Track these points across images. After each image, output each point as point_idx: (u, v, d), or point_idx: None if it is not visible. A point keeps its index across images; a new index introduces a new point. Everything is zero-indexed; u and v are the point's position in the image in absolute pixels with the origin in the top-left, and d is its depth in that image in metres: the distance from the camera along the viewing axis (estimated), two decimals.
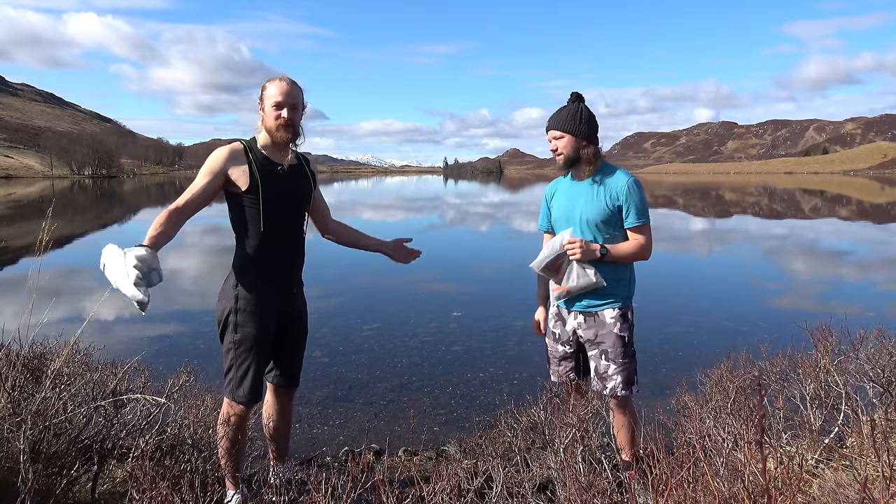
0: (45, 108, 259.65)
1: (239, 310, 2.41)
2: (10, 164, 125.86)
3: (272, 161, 2.45)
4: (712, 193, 50.52)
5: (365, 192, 54.27)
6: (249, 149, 2.43)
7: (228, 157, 2.38)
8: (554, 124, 2.66)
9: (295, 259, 2.59)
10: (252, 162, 2.39)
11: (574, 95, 2.70)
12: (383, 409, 4.53)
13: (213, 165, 2.37)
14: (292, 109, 2.44)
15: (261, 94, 2.46)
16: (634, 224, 2.61)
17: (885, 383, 2.90)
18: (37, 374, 2.64)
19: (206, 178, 2.35)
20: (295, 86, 2.47)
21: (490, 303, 8.39)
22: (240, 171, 2.38)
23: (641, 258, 2.66)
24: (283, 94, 2.42)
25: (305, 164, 2.60)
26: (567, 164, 2.67)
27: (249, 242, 2.44)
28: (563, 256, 2.59)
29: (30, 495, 1.90)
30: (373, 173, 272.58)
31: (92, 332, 3.82)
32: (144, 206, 33.44)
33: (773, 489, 1.44)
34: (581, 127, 2.62)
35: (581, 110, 2.64)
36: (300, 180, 2.56)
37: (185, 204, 2.30)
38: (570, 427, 2.45)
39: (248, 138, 2.50)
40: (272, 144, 2.48)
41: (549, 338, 2.86)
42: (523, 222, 21.92)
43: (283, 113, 2.42)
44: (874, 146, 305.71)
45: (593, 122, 2.66)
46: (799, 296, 9.09)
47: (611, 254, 2.59)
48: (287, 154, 2.51)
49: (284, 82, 2.44)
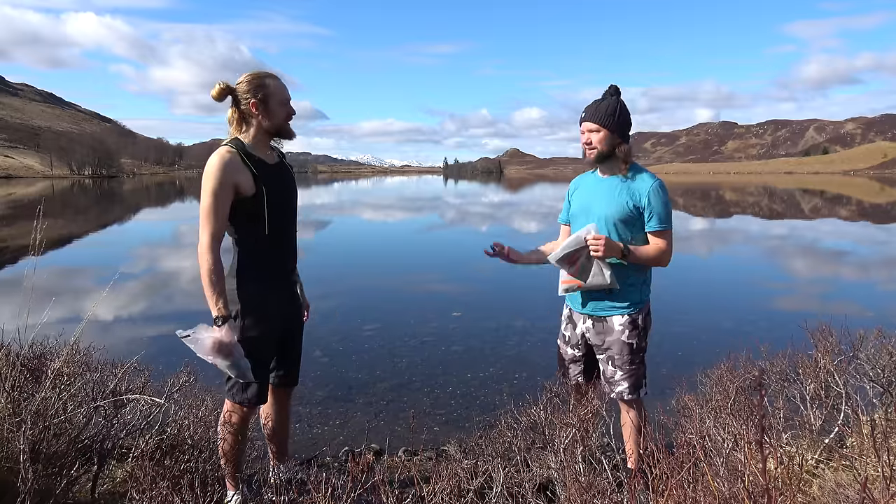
0: (45, 108, 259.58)
1: (244, 313, 2.37)
2: (10, 164, 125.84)
3: (266, 162, 2.41)
4: (712, 194, 50.51)
5: (365, 193, 54.27)
6: (244, 153, 2.32)
7: (231, 168, 2.27)
8: (591, 117, 2.55)
9: (293, 257, 2.58)
10: (251, 166, 2.32)
11: (613, 89, 2.59)
12: (383, 409, 4.53)
13: (221, 182, 2.24)
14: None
15: (256, 92, 2.34)
16: (656, 229, 2.54)
17: (885, 383, 2.90)
18: (37, 374, 2.64)
19: (221, 196, 2.25)
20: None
21: (490, 303, 8.39)
22: (243, 178, 2.29)
23: (660, 264, 2.59)
24: (287, 90, 2.42)
25: (283, 158, 2.58)
26: (599, 159, 2.58)
27: (253, 248, 2.40)
28: (583, 250, 2.52)
29: (30, 495, 1.90)
30: (373, 173, 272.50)
31: (92, 332, 3.82)
32: (144, 205, 33.44)
33: (773, 489, 1.44)
34: (620, 124, 2.54)
35: (620, 106, 2.55)
36: (288, 176, 2.54)
37: (219, 232, 2.26)
38: (570, 427, 2.45)
39: (231, 140, 2.36)
40: (260, 144, 2.41)
41: (560, 340, 2.85)
42: (523, 222, 21.92)
43: (291, 110, 2.43)
44: (874, 146, 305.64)
45: (629, 120, 2.58)
46: (799, 296, 9.10)
47: (633, 255, 2.52)
48: (270, 151, 2.48)
49: (280, 79, 2.41)
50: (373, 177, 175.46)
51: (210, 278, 2.21)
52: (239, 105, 2.37)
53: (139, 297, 8.63)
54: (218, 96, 2.33)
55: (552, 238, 2.97)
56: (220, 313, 2.21)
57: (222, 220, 2.27)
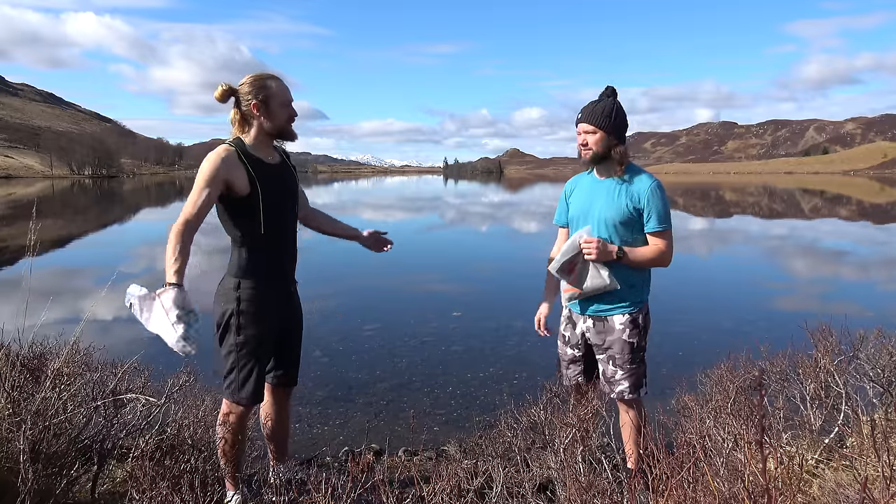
0: (45, 108, 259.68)
1: (241, 312, 2.38)
2: (10, 164, 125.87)
3: (265, 162, 2.42)
4: (712, 194, 50.51)
5: (365, 193, 54.27)
6: (242, 152, 2.35)
7: (226, 165, 2.29)
8: (588, 118, 2.55)
9: (292, 257, 2.59)
10: (248, 165, 2.34)
11: (610, 90, 2.59)
12: (383, 409, 4.53)
13: (212, 175, 2.27)
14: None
15: (257, 93, 2.36)
16: (655, 229, 2.53)
17: (885, 383, 2.90)
18: (37, 374, 2.64)
19: (207, 188, 2.26)
20: None
21: (490, 303, 8.39)
22: (238, 176, 2.31)
23: (660, 265, 2.58)
24: (290, 92, 2.44)
25: (287, 159, 2.59)
26: (595, 160, 2.58)
27: (249, 244, 2.41)
28: (578, 256, 2.52)
29: (30, 495, 1.90)
30: (373, 173, 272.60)
31: (91, 332, 3.83)
32: (144, 206, 33.43)
33: (773, 489, 1.44)
34: (616, 125, 2.54)
35: (617, 107, 2.55)
36: (289, 177, 2.55)
37: (195, 219, 2.25)
38: (570, 427, 2.45)
39: (232, 139, 2.39)
40: (261, 144, 2.43)
41: (560, 340, 2.84)
42: (523, 222, 21.92)
43: (293, 111, 2.45)
44: (874, 146, 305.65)
45: (626, 122, 2.58)
46: (799, 296, 9.10)
47: (628, 257, 2.51)
48: (272, 151, 2.50)
49: (282, 81, 2.43)
50: (373, 177, 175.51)
51: (171, 252, 2.17)
52: (241, 106, 2.39)
53: None
54: (221, 97, 2.36)
55: (551, 237, 2.96)
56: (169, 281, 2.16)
57: (205, 211, 2.28)
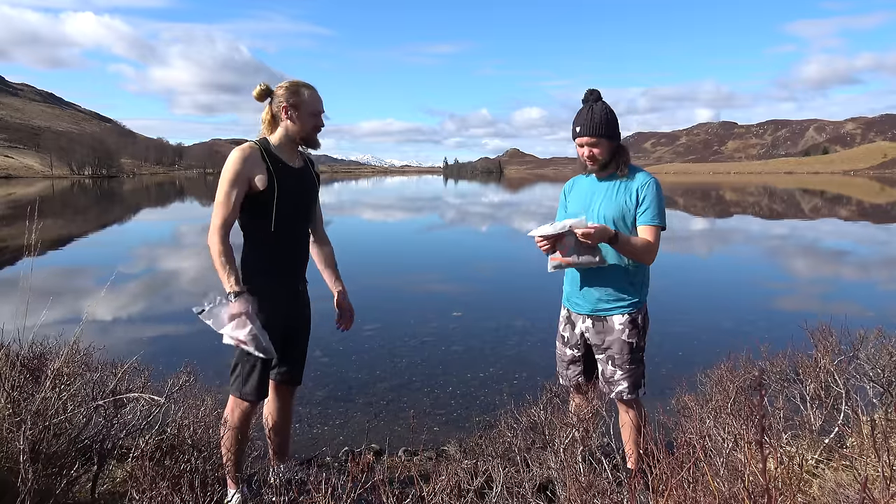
0: (45, 108, 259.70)
1: None
2: (10, 164, 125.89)
3: (287, 164, 2.50)
4: (712, 193, 50.52)
5: (365, 193, 54.27)
6: (266, 151, 2.44)
7: (248, 162, 2.39)
8: (587, 131, 2.55)
9: (302, 258, 2.66)
10: (269, 164, 2.43)
11: (596, 94, 2.59)
12: (383, 409, 4.53)
13: (236, 174, 2.37)
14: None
15: (289, 97, 2.45)
16: (648, 223, 2.53)
17: (885, 383, 2.90)
18: (36, 374, 2.64)
19: (235, 187, 2.37)
20: None
21: (490, 303, 8.39)
22: (259, 173, 2.40)
23: (644, 260, 2.56)
24: (321, 103, 2.53)
25: (311, 167, 2.69)
26: (603, 168, 2.60)
27: (260, 242, 2.49)
28: (571, 237, 2.47)
29: (30, 495, 1.90)
30: (373, 173, 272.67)
31: (91, 332, 3.83)
32: (144, 206, 33.43)
33: (773, 489, 1.44)
34: (613, 128, 2.56)
35: (608, 110, 2.56)
36: (309, 181, 2.63)
37: (230, 220, 2.37)
38: (570, 427, 2.45)
39: (258, 139, 2.50)
40: (285, 146, 2.52)
41: (559, 341, 2.85)
42: (523, 222, 21.92)
43: (321, 122, 2.53)
44: (874, 146, 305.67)
45: (617, 119, 2.60)
46: (799, 296, 9.10)
47: (619, 241, 2.49)
48: (297, 156, 2.58)
49: (316, 91, 2.52)
50: (373, 177, 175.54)
51: (220, 259, 2.32)
52: (273, 107, 2.50)
53: (139, 296, 8.62)
54: (258, 96, 2.50)
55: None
56: (232, 289, 2.31)
57: (234, 210, 2.39)
